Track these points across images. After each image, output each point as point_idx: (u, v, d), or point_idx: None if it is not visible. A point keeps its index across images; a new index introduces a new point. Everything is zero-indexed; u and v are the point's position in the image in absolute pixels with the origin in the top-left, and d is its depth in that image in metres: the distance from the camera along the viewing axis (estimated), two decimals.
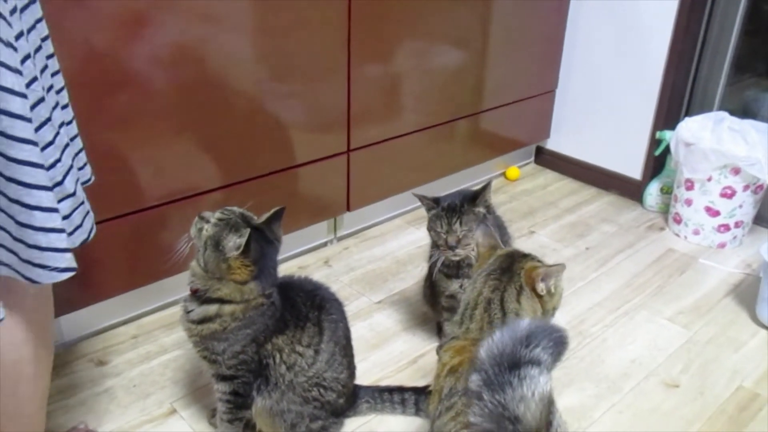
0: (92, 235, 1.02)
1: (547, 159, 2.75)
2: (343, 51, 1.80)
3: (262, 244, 1.17)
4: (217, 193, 1.67)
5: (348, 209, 2.03)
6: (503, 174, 2.65)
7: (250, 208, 1.22)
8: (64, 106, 1.00)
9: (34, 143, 0.83)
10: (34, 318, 1.01)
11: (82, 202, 0.99)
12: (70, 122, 1.02)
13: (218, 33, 1.53)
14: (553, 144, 2.71)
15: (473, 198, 1.46)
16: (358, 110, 1.91)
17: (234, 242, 1.12)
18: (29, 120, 0.82)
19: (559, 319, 1.79)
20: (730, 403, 1.52)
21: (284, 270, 1.34)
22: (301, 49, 1.70)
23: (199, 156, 1.62)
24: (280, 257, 2.01)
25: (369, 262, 2.04)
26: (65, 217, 0.94)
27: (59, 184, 0.92)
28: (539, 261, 1.11)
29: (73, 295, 1.52)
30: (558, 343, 0.85)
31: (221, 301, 1.17)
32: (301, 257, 2.05)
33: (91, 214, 1.03)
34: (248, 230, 1.11)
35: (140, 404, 1.45)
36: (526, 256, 1.12)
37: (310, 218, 1.97)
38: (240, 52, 1.60)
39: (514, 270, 1.08)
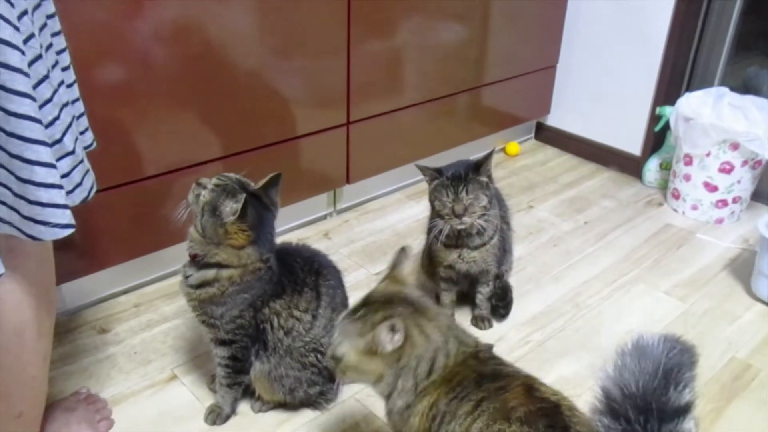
0: (93, 193, 1.03)
1: (547, 135, 2.75)
2: (342, 24, 1.80)
3: (259, 209, 1.18)
4: (218, 163, 1.68)
5: (348, 182, 2.05)
6: (503, 150, 2.65)
7: (246, 175, 1.23)
8: (65, 68, 1.00)
9: (33, 98, 0.83)
10: (36, 280, 1.03)
11: (82, 161, 0.99)
12: (71, 84, 1.02)
13: (219, 6, 1.53)
14: (554, 120, 2.71)
15: (477, 167, 1.47)
16: (358, 83, 1.91)
17: (230, 207, 1.13)
18: (28, 74, 0.82)
19: (557, 291, 1.81)
20: (724, 373, 1.54)
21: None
22: (302, 21, 1.70)
23: (200, 127, 1.63)
24: (279, 229, 2.03)
25: (368, 235, 2.05)
26: (65, 175, 0.94)
27: (58, 141, 0.92)
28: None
29: (75, 262, 1.54)
30: (694, 371, 0.73)
31: (219, 265, 1.18)
32: (300, 230, 2.06)
33: (92, 173, 1.03)
34: (244, 195, 1.12)
35: (141, 370, 1.48)
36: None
37: (310, 190, 1.98)
38: (240, 24, 1.60)
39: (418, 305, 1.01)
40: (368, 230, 2.08)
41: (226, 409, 1.33)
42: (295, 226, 2.06)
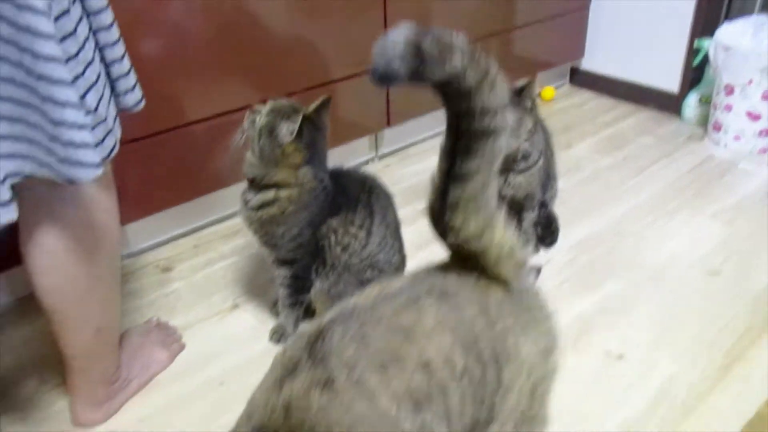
0: (113, 153, 1.01)
1: (582, 79, 2.75)
2: None
3: (312, 131, 1.24)
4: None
5: (388, 124, 2.09)
6: (538, 95, 2.66)
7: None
8: (104, 28, 0.97)
9: (56, 39, 0.83)
10: (108, 190, 1.08)
11: (104, 120, 0.97)
12: (113, 44, 1.00)
13: None
14: (588, 63, 2.71)
15: (519, 91, 1.50)
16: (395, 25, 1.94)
17: (287, 128, 1.19)
18: (50, 16, 0.82)
19: (599, 222, 1.84)
20: (765, 296, 1.54)
21: None
22: None
23: (245, 74, 1.69)
24: None
25: (412, 176, 2.09)
26: None
27: (81, 99, 0.90)
28: None
29: (135, 206, 1.62)
30: None
31: (277, 186, 1.24)
32: None
33: (115, 132, 1.02)
34: (300, 116, 1.18)
35: (206, 302, 1.56)
36: None
37: (352, 134, 2.03)
38: None
39: None
40: (411, 172, 2.13)
41: (289, 329, 1.40)
42: None
